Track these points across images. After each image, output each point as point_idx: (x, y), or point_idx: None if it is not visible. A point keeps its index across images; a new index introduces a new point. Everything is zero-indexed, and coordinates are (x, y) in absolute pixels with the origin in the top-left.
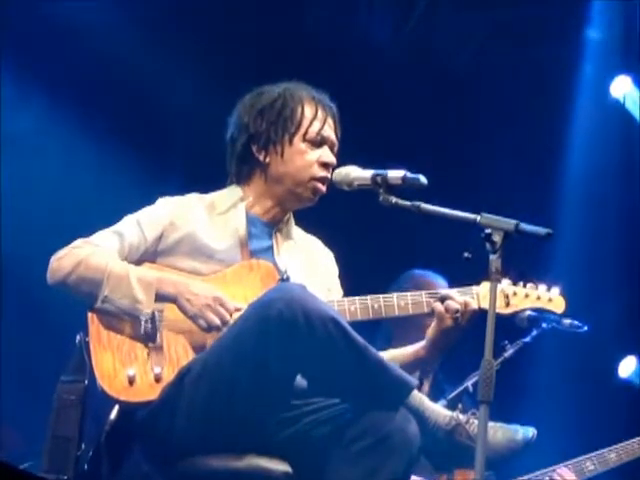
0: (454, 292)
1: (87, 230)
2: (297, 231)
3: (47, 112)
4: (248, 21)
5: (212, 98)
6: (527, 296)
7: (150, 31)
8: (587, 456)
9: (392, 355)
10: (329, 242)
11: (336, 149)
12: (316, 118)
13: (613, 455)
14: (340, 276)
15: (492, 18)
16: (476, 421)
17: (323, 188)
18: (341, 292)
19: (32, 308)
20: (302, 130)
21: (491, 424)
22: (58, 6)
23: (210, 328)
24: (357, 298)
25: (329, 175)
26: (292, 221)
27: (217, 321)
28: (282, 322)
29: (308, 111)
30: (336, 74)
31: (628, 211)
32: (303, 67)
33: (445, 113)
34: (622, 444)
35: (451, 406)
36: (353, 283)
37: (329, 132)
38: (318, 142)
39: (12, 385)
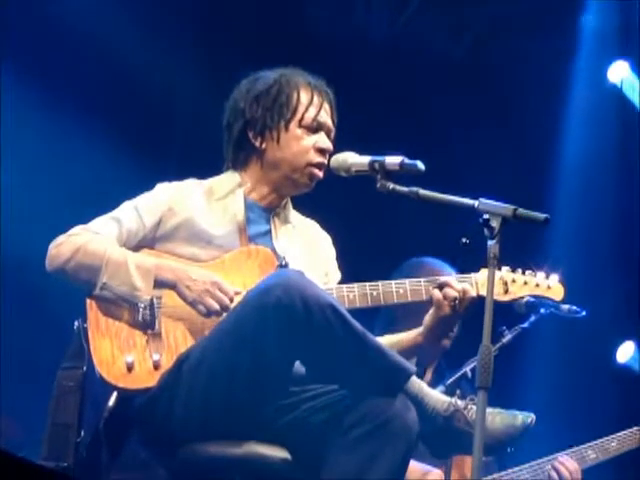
0: (452, 279)
1: (86, 218)
2: (295, 215)
3: (46, 103)
4: (245, 13)
5: (211, 90)
6: (526, 283)
7: (150, 24)
8: (588, 444)
9: (390, 341)
10: (327, 227)
11: (333, 135)
12: (312, 104)
13: (614, 444)
14: (338, 261)
15: (488, 7)
16: (474, 407)
17: (320, 174)
18: (339, 274)
19: (31, 295)
20: (298, 116)
21: (489, 410)
22: (57, 4)
23: (209, 313)
24: (356, 285)
25: (325, 161)
26: (290, 205)
27: (216, 306)
28: (280, 309)
29: (304, 97)
30: (333, 66)
31: (626, 196)
32: (301, 59)
33: (442, 103)
34: (623, 433)
35: (450, 392)
36: (352, 270)
37: (325, 118)
38: (314, 128)
39: (11, 374)
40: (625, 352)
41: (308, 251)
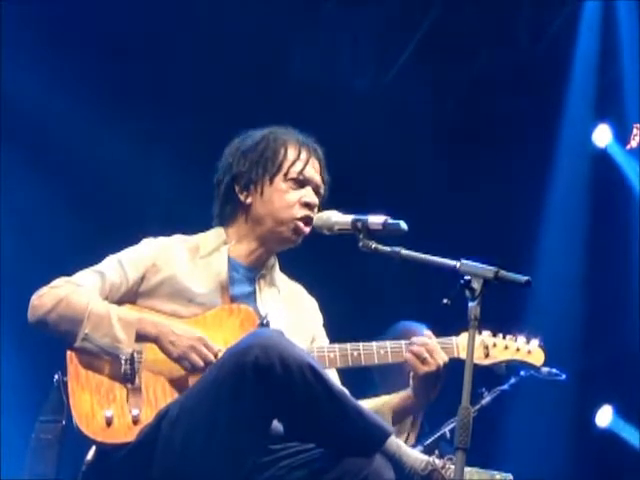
0: (416, 339)
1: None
2: (281, 278)
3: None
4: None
5: (193, 153)
6: (507, 348)
7: (127, 83)
8: None
9: (375, 404)
10: (311, 287)
11: (322, 191)
12: (299, 159)
13: None
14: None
15: (473, 69)
16: (452, 466)
17: (306, 229)
18: (327, 341)
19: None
20: (283, 170)
21: (467, 470)
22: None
23: (194, 369)
24: (337, 345)
25: (312, 214)
26: (277, 267)
27: (201, 363)
28: (258, 368)
29: (291, 152)
30: (319, 122)
31: (608, 262)
32: (288, 114)
33: (426, 160)
34: None
35: (428, 452)
36: (334, 330)
37: (312, 173)
38: (300, 182)
39: None
40: (603, 416)
41: (294, 316)
